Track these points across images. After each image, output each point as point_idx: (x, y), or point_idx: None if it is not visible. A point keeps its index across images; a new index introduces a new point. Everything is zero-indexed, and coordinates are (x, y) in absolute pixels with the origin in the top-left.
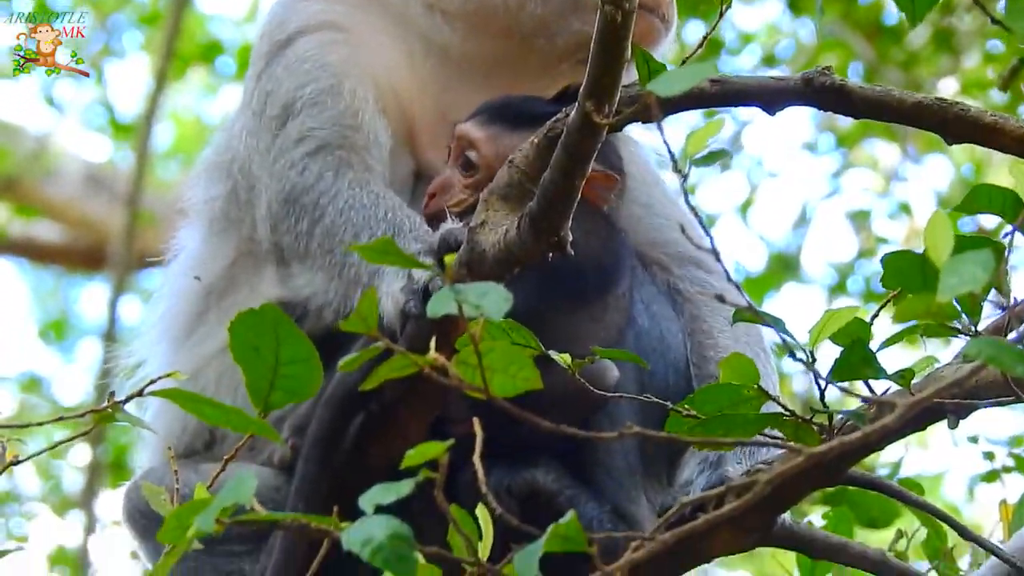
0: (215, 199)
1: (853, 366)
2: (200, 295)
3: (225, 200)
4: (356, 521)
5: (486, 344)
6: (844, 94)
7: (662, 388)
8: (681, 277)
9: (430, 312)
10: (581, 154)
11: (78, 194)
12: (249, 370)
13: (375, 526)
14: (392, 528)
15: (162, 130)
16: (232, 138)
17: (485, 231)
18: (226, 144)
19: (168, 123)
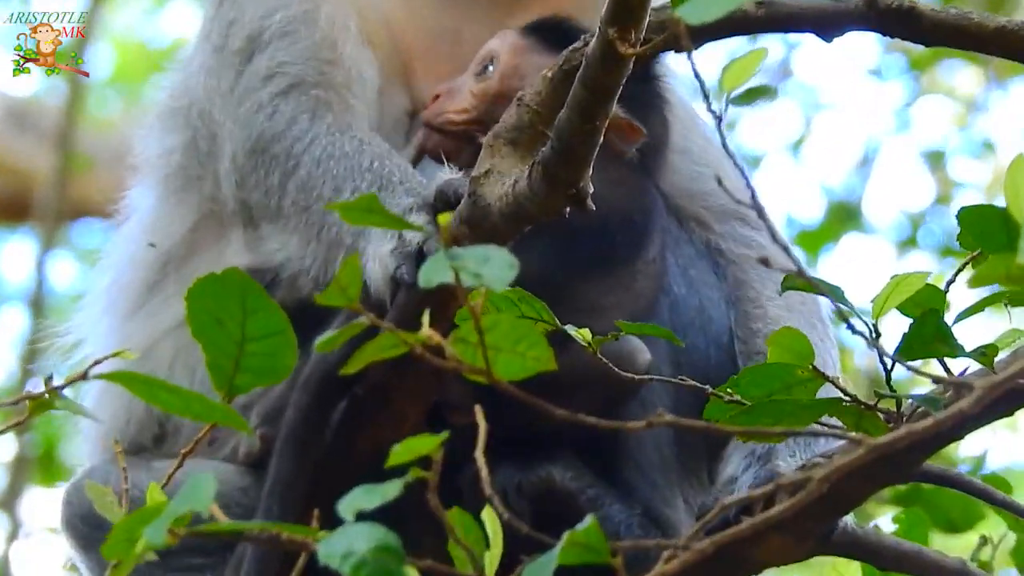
0: (171, 152)
1: (925, 341)
2: (155, 264)
3: (183, 153)
4: (335, 530)
5: (489, 318)
6: (913, 18)
7: (702, 368)
8: (723, 235)
9: (422, 281)
10: (603, 89)
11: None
12: (210, 347)
13: (357, 536)
14: (377, 538)
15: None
16: (189, 78)
17: (490, 181)
18: (182, 86)
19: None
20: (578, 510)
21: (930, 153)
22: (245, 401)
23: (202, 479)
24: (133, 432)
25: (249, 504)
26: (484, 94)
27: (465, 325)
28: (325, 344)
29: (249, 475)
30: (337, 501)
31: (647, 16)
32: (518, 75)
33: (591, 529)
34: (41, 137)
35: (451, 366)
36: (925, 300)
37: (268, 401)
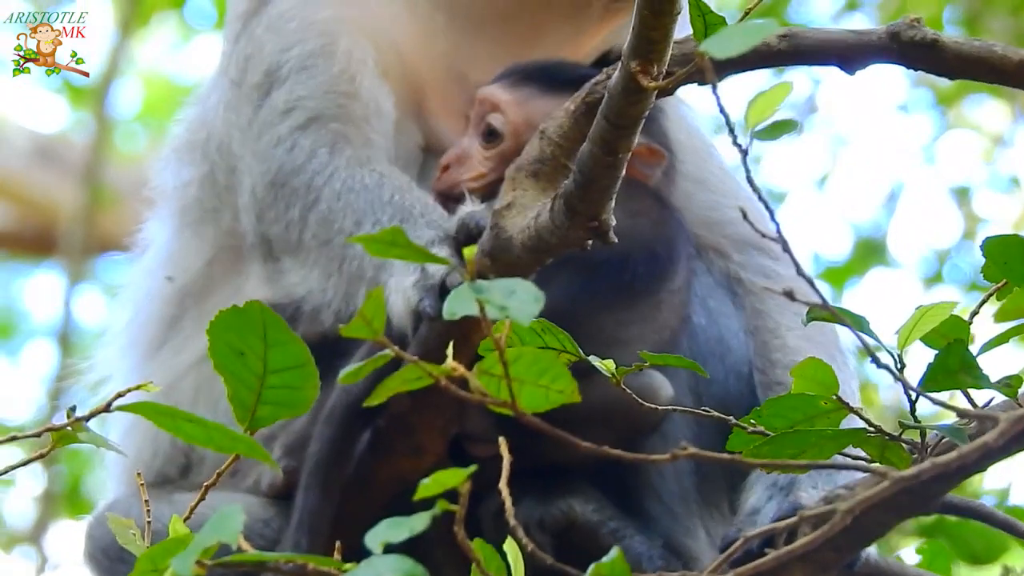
0: (188, 184)
1: (949, 373)
2: (173, 298)
3: (199, 186)
4: (362, 562)
5: (513, 350)
6: (936, 51)
7: (721, 398)
8: (742, 265)
9: (446, 313)
10: (625, 122)
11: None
12: (232, 379)
13: (384, 568)
14: (404, 571)
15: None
16: (207, 112)
17: (512, 214)
18: (200, 119)
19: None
20: (600, 543)
21: (956, 188)
22: (268, 433)
23: (230, 511)
24: (159, 464)
25: (272, 536)
26: (500, 156)
27: (489, 357)
28: (349, 376)
29: (272, 507)
30: (359, 532)
31: (670, 49)
32: (529, 127)
33: (616, 562)
34: (67, 172)
35: (475, 398)
36: (950, 331)
37: (291, 433)
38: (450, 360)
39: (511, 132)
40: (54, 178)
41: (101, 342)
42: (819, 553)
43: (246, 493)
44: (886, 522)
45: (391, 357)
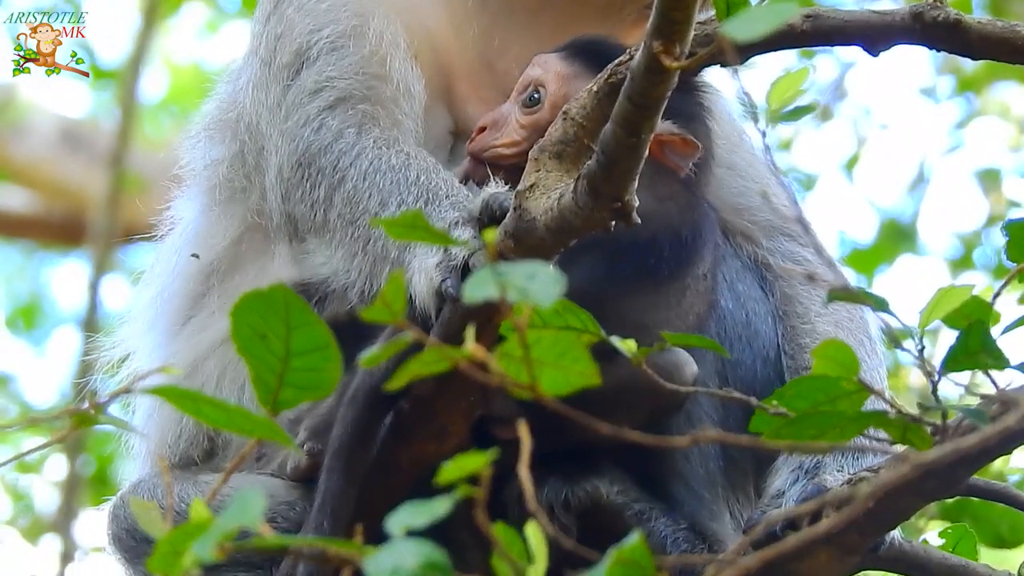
0: (218, 163)
1: (971, 354)
2: (199, 276)
3: (229, 165)
4: (383, 546)
5: (534, 333)
6: (960, 31)
7: (748, 382)
8: (771, 250)
9: (467, 297)
10: (648, 103)
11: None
12: (255, 362)
13: (405, 552)
14: (425, 555)
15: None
16: (238, 92)
17: (535, 195)
18: (231, 99)
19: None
20: (624, 524)
21: (984, 172)
22: (294, 415)
23: (251, 494)
24: (183, 446)
25: (295, 519)
26: (535, 125)
27: (510, 339)
28: (370, 360)
29: (295, 490)
30: (381, 515)
31: (692, 29)
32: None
33: (637, 545)
34: (94, 158)
35: (496, 381)
36: (971, 312)
37: (316, 416)
38: (470, 343)
39: (550, 104)
40: (81, 164)
41: (124, 318)
42: (843, 536)
43: (271, 476)
44: (910, 505)
45: (412, 340)
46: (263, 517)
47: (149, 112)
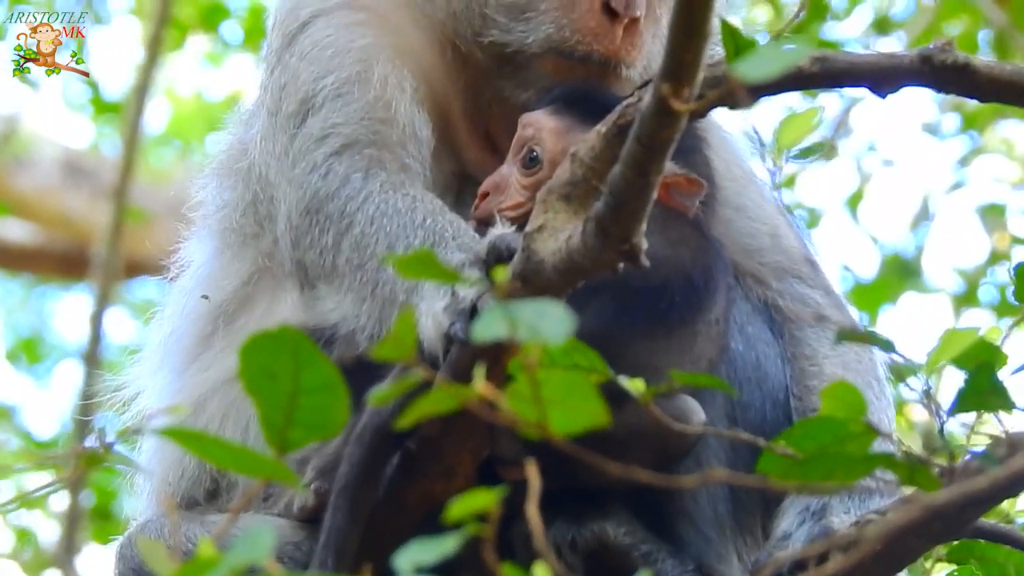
0: (230, 208)
1: (979, 396)
2: (207, 316)
3: (242, 212)
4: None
5: (544, 373)
6: (968, 74)
7: (758, 423)
8: (780, 292)
9: (477, 336)
10: (657, 145)
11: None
12: (263, 401)
13: None
14: None
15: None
16: (248, 142)
17: (543, 237)
18: (241, 147)
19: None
20: (631, 565)
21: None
22: (301, 455)
23: (260, 531)
24: (187, 486)
25: (301, 559)
26: (537, 185)
27: (519, 379)
28: (379, 398)
29: (302, 529)
30: (388, 552)
31: (701, 71)
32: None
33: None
34: (97, 190)
35: (505, 421)
36: (979, 354)
37: (324, 455)
38: (479, 383)
39: (549, 161)
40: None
41: (134, 358)
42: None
43: (277, 516)
44: (917, 547)
45: (421, 379)
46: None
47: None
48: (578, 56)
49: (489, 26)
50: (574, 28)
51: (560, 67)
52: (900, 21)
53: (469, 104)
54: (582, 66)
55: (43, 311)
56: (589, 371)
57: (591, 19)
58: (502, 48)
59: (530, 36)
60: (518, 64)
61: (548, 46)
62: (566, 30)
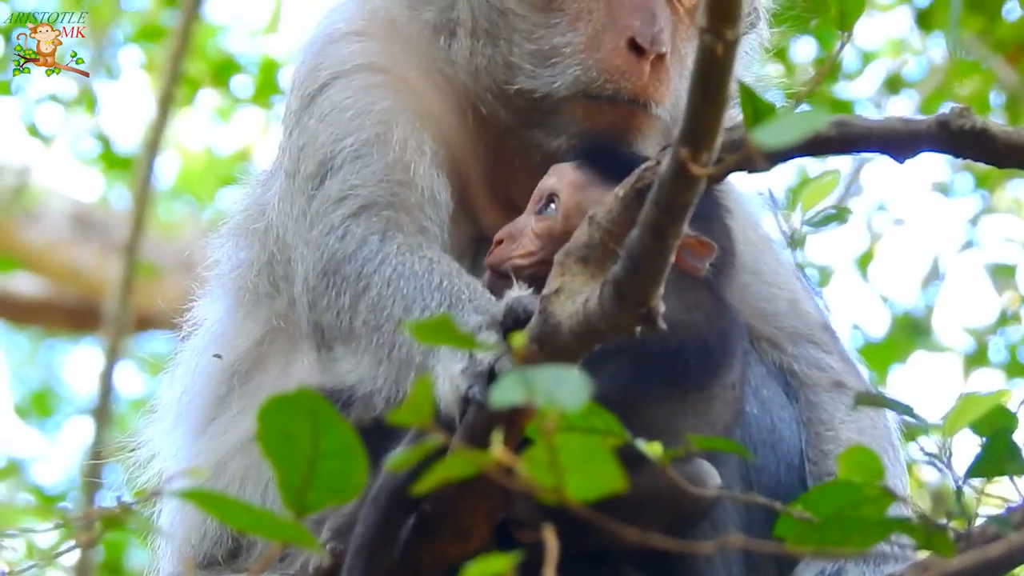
0: (246, 267)
1: (995, 461)
2: (221, 376)
3: (257, 272)
4: None
5: (561, 438)
6: (986, 140)
7: (772, 487)
8: (796, 357)
9: (494, 401)
10: (675, 209)
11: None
12: (281, 464)
13: None
14: None
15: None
16: (266, 203)
17: (560, 300)
18: (259, 207)
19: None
20: None
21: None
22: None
23: None
24: (207, 546)
25: None
26: (548, 234)
27: (536, 444)
28: (398, 463)
29: None
30: None
31: (720, 136)
32: (580, 212)
33: None
34: (106, 243)
35: (522, 486)
36: (995, 420)
37: (340, 516)
38: (496, 448)
39: (563, 213)
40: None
41: (147, 417)
42: None
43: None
44: None
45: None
46: None
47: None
48: (606, 96)
49: (515, 74)
50: (601, 68)
51: (589, 110)
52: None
53: (489, 168)
54: (611, 107)
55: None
56: (606, 434)
57: (617, 57)
58: (530, 95)
59: (557, 80)
60: (546, 111)
61: (576, 88)
62: (593, 70)
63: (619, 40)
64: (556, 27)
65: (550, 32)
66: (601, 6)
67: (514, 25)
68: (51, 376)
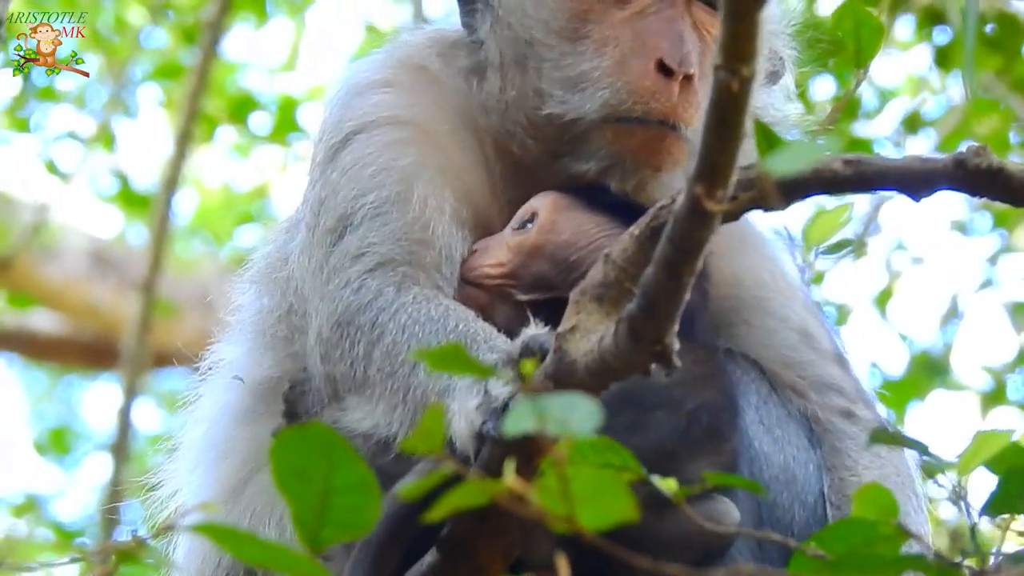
0: (267, 312)
1: (1011, 499)
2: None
3: (277, 319)
4: None
5: (573, 469)
6: (1003, 179)
7: (786, 524)
8: (820, 405)
9: (507, 429)
10: (690, 247)
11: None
12: (295, 499)
13: None
14: None
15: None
16: (288, 253)
17: (576, 338)
18: (281, 258)
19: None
20: None
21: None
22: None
23: None
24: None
25: None
26: (520, 248)
27: (549, 474)
28: (410, 491)
29: None
30: None
31: (735, 173)
32: (555, 230)
33: None
34: (124, 280)
35: (535, 515)
36: (1010, 457)
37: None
38: (509, 476)
39: (537, 228)
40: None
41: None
42: None
43: None
44: None
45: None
46: None
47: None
48: (636, 118)
49: (545, 100)
50: (629, 90)
51: (619, 133)
52: (931, 120)
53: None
54: (641, 129)
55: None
56: (622, 469)
57: (646, 79)
58: (559, 120)
59: (586, 103)
60: (576, 136)
61: (605, 111)
62: (622, 92)
63: (647, 62)
64: (583, 54)
65: (578, 59)
66: (627, 31)
67: (542, 55)
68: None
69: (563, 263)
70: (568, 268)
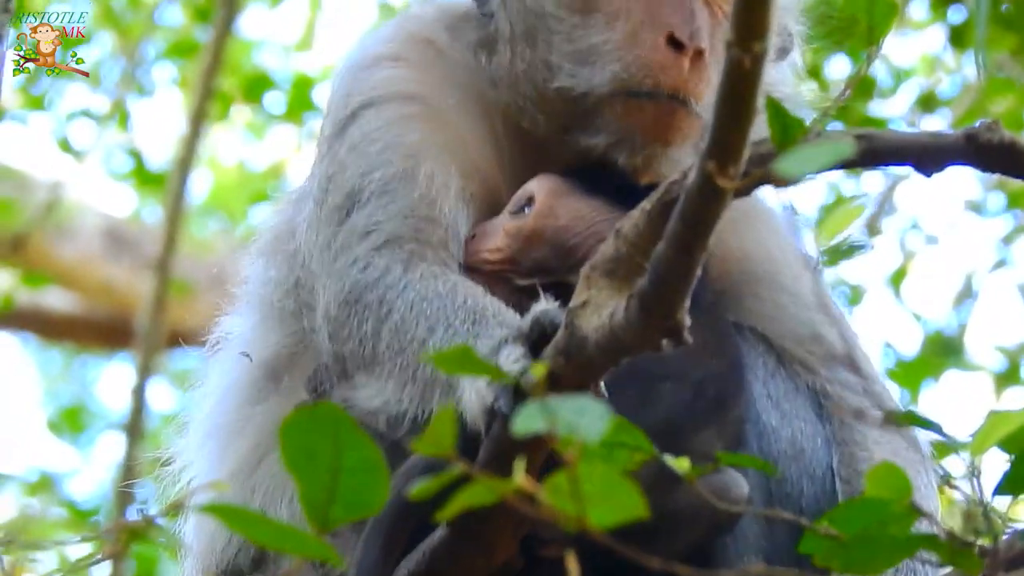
0: (275, 284)
1: (1022, 479)
2: (251, 385)
3: (284, 292)
4: None
5: (583, 467)
6: (1014, 153)
7: (795, 498)
8: (830, 380)
9: (516, 430)
10: (701, 223)
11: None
12: (303, 479)
13: None
14: None
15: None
16: (297, 225)
17: (587, 313)
18: (289, 230)
19: (204, 171)
20: None
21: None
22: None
23: None
24: (231, 554)
25: None
26: (518, 232)
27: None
28: (420, 491)
29: None
30: None
31: (747, 150)
32: (552, 215)
33: None
34: (139, 260)
35: (544, 515)
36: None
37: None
38: (518, 476)
39: (535, 213)
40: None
41: (178, 431)
42: None
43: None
44: None
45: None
46: None
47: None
48: (646, 92)
49: (555, 73)
50: (640, 64)
51: (629, 107)
52: (946, 99)
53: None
54: (651, 103)
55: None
56: (635, 450)
57: (656, 53)
58: (569, 93)
59: (596, 77)
60: (586, 110)
61: (615, 85)
62: (632, 66)
63: (658, 36)
64: (593, 27)
65: (588, 32)
66: (638, 5)
67: (552, 27)
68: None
69: (561, 248)
70: (566, 253)
